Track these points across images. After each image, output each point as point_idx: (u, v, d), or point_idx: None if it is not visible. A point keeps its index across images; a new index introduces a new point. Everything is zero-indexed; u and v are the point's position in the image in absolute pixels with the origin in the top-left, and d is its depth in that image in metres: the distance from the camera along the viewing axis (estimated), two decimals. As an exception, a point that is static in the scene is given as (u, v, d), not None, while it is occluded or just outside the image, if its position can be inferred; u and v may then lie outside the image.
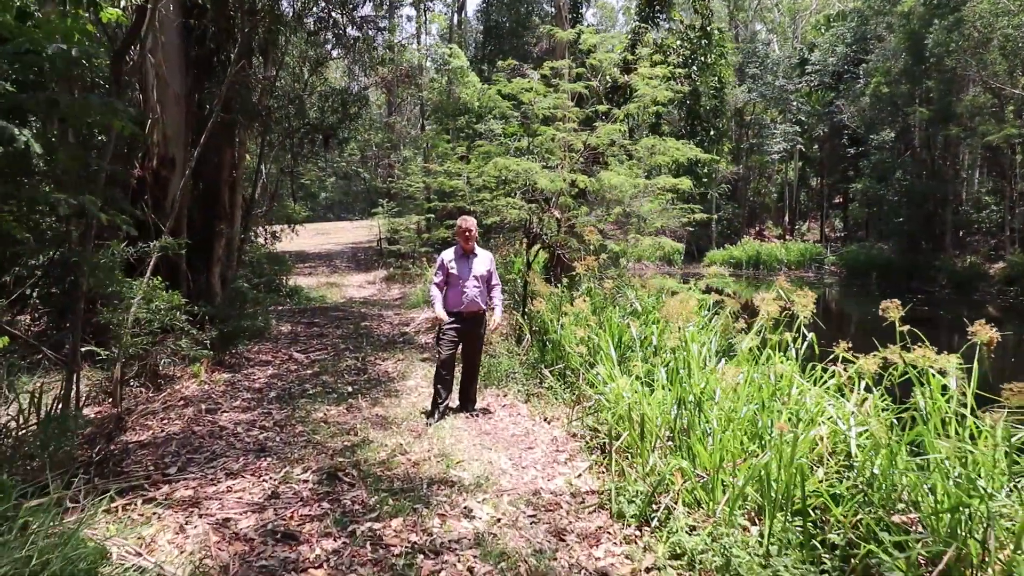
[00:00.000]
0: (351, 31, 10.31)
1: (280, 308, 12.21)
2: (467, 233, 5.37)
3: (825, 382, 3.91)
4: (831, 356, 3.96)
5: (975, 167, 28.51)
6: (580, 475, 4.17)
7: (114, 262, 5.32)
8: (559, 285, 7.80)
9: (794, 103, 37.03)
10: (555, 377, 6.17)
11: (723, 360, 4.59)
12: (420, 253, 18.79)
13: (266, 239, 18.15)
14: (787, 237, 37.67)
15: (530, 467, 4.33)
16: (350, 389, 6.35)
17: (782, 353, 4.12)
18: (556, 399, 5.76)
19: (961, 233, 27.49)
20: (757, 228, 41.89)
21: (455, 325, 5.35)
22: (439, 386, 5.37)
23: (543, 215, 7.87)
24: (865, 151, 30.19)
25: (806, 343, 4.14)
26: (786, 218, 40.89)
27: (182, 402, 5.73)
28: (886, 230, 28.91)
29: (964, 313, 20.66)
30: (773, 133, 36.13)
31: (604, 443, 4.51)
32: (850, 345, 3.87)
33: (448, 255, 5.44)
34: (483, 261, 5.48)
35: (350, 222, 38.55)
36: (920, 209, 26.02)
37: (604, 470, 4.27)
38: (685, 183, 7.24)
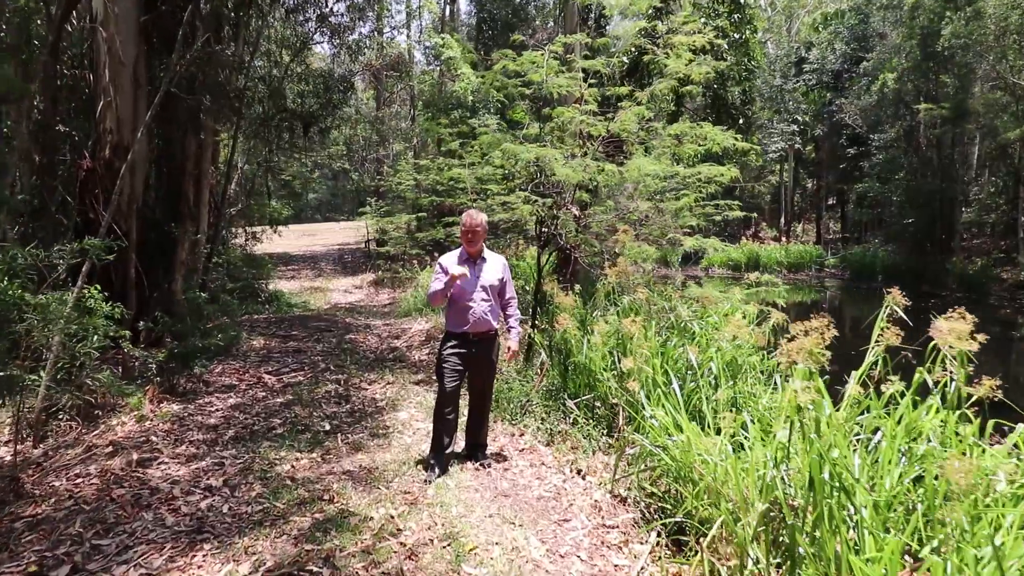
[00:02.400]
0: (338, 8, 9.07)
1: (256, 317, 10.93)
2: (473, 232, 4.16)
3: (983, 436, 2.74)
4: (972, 399, 2.84)
5: (983, 167, 27.66)
6: (643, 568, 2.98)
7: (14, 268, 4.06)
8: (572, 293, 6.62)
9: (791, 103, 36.16)
10: (583, 411, 4.98)
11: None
12: (411, 255, 17.59)
13: (246, 240, 16.88)
14: (783, 239, 36.88)
15: (572, 554, 3.13)
16: (327, 426, 5.11)
17: (905, 394, 2.96)
18: (588, 442, 4.57)
19: (966, 235, 26.63)
20: (753, 230, 41.05)
21: (459, 350, 4.15)
22: (440, 429, 4.16)
23: (559, 212, 6.69)
24: (866, 151, 29.31)
25: (953, 386, 2.97)
26: (782, 220, 40.06)
27: (110, 448, 4.48)
28: (892, 231, 28.02)
29: (985, 318, 19.71)
30: (771, 132, 35.22)
31: (667, 513, 3.32)
32: (1001, 382, 2.75)
33: (449, 260, 4.24)
34: (494, 267, 4.29)
35: (338, 223, 37.24)
36: (926, 210, 25.12)
37: (671, 554, 3.09)
38: (731, 172, 6.08)
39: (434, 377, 6.78)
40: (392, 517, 3.45)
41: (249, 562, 2.95)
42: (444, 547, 3.14)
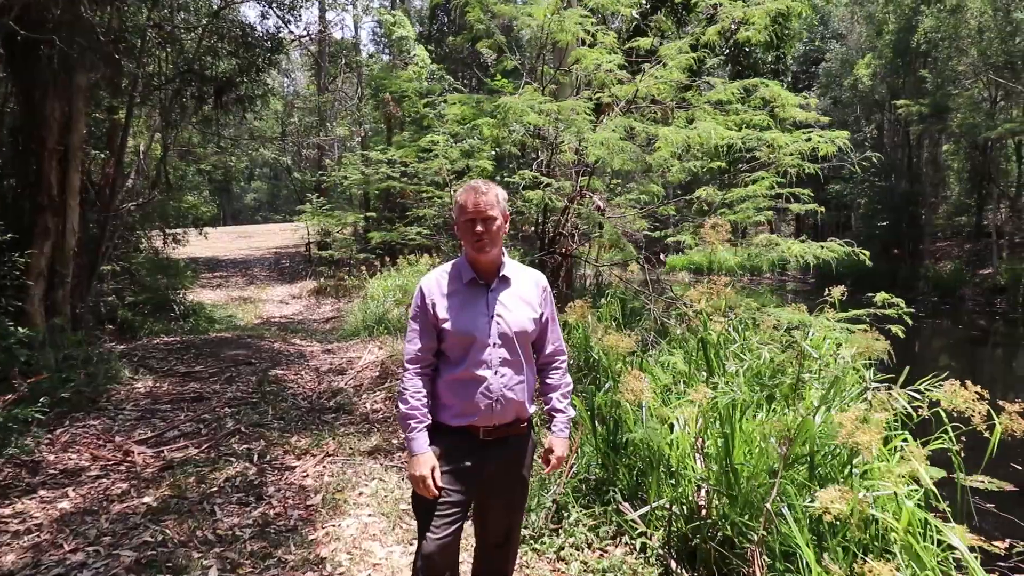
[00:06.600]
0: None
1: (156, 341, 8.48)
2: (483, 222, 2.03)
3: None
4: None
5: (949, 168, 27.23)
6: None
7: None
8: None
9: (744, 102, 35.35)
10: (653, 527, 2.98)
11: None
12: (358, 260, 15.32)
13: (165, 242, 14.25)
14: (738, 242, 36.09)
15: None
16: (213, 570, 2.93)
17: None
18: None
19: (931, 238, 26.12)
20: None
21: (459, 462, 2.05)
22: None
23: (575, 204, 4.67)
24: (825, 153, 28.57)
25: None
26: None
27: None
28: (861, 233, 27.32)
29: (969, 324, 18.99)
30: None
31: None
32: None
33: (436, 284, 2.12)
34: (524, 296, 2.16)
35: (277, 224, 34.29)
36: (894, 213, 24.40)
37: None
38: (842, 136, 4.22)
39: (395, 442, 4.69)
40: None
41: None
42: None
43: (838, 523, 2.25)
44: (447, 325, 2.05)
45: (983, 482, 2.71)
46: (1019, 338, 15.87)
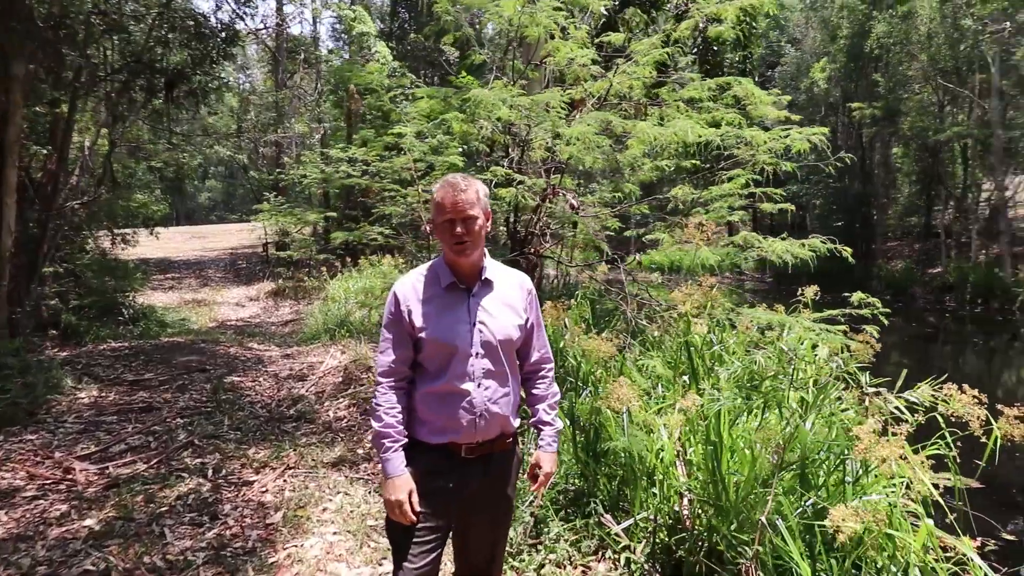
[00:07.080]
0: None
1: (103, 347, 8.02)
2: (463, 221, 1.84)
3: None
4: None
5: (902, 170, 28.11)
6: None
7: None
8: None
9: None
10: (637, 538, 2.86)
11: None
12: (318, 261, 14.92)
13: (113, 242, 13.59)
14: (697, 242, 36.64)
15: None
16: (163, 604, 2.68)
17: None
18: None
19: (882, 238, 26.95)
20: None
21: (439, 481, 1.87)
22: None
23: (548, 202, 4.52)
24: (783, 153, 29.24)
25: None
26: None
27: None
28: (818, 233, 27.95)
29: (917, 322, 19.69)
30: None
31: None
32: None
33: (412, 289, 1.92)
34: (508, 301, 1.98)
35: (233, 224, 33.35)
36: (848, 213, 25.09)
37: None
38: (821, 131, 4.20)
39: (360, 452, 4.47)
40: None
41: None
42: None
43: (833, 537, 2.15)
44: (424, 334, 1.87)
45: (949, 480, 2.66)
46: (967, 335, 16.42)
